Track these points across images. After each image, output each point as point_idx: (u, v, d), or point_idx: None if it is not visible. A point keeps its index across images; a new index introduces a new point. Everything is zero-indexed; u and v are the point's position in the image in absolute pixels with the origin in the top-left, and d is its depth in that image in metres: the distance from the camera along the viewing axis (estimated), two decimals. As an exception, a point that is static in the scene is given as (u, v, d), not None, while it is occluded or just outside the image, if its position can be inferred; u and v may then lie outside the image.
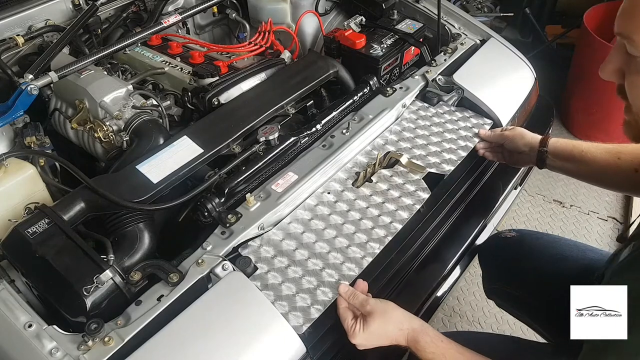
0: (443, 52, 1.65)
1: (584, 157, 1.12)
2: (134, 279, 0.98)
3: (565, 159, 1.19)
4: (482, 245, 1.43)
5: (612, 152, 1.09)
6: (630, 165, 1.06)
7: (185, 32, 1.93)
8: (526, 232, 1.45)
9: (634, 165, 1.05)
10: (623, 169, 1.07)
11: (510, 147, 1.31)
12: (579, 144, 1.16)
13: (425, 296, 1.21)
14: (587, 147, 1.13)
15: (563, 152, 1.18)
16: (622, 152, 1.08)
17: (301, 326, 0.98)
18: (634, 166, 1.05)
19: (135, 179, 1.14)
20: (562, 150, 1.18)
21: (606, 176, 1.15)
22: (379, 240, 1.15)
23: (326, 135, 1.35)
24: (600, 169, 1.10)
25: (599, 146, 1.12)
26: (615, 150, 1.09)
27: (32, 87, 1.30)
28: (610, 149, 1.10)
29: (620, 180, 1.13)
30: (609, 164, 1.09)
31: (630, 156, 1.07)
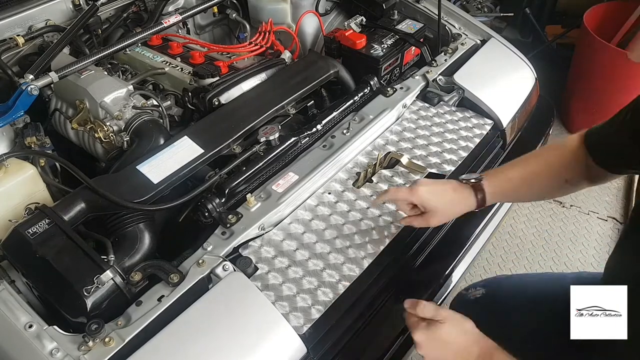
0: (443, 52, 1.65)
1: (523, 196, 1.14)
2: (135, 280, 0.98)
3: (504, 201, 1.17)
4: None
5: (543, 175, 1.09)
6: (560, 178, 1.08)
7: (185, 32, 1.93)
8: (494, 283, 1.35)
9: (563, 176, 1.07)
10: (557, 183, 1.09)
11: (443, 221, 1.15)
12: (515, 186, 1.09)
13: (426, 297, 1.21)
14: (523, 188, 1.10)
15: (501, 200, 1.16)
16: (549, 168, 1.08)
17: (302, 327, 0.98)
18: (564, 178, 1.08)
19: (136, 179, 1.14)
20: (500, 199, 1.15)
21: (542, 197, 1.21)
22: (379, 240, 1.15)
23: (327, 135, 1.35)
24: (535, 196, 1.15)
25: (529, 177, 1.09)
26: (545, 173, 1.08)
27: (33, 87, 1.30)
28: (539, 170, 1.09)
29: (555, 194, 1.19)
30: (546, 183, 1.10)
31: (559, 172, 1.07)
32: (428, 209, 1.06)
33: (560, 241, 2.38)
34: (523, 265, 2.28)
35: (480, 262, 2.27)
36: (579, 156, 1.05)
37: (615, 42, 2.72)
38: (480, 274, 2.24)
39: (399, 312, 1.01)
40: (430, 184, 1.08)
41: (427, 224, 1.09)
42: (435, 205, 1.05)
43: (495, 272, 2.26)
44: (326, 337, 1.00)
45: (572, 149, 1.06)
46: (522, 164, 1.11)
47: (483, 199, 1.07)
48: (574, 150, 1.06)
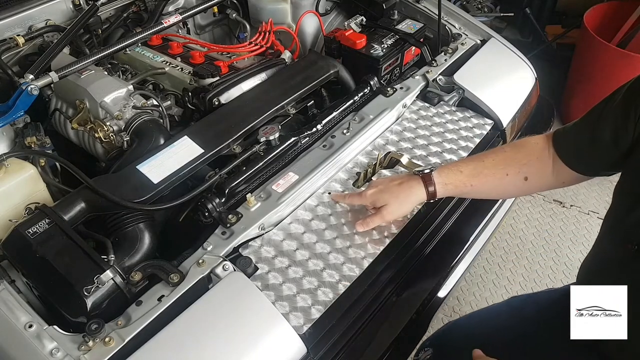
0: (443, 52, 1.65)
1: (477, 190, 1.11)
2: (135, 279, 0.98)
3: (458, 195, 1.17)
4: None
5: (499, 172, 1.08)
6: (519, 176, 1.07)
7: (185, 32, 1.93)
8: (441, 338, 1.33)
9: (522, 174, 1.07)
10: (514, 182, 1.08)
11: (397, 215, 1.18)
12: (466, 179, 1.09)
13: (425, 296, 1.21)
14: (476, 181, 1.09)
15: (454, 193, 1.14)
16: (506, 167, 1.07)
17: (302, 326, 0.98)
18: (523, 175, 1.07)
19: (136, 179, 1.14)
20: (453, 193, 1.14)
21: (499, 192, 1.19)
22: (379, 241, 1.15)
23: (327, 135, 1.35)
24: (492, 187, 1.12)
25: (482, 170, 1.09)
26: (500, 166, 1.08)
27: (33, 87, 1.30)
28: (496, 168, 1.08)
29: (514, 191, 1.18)
30: (501, 183, 1.09)
31: (516, 167, 1.07)
32: (379, 206, 1.12)
33: (560, 241, 2.38)
34: (523, 265, 2.28)
35: (481, 262, 2.28)
36: (543, 157, 1.05)
37: (615, 42, 2.72)
38: (480, 274, 2.24)
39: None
40: (379, 183, 1.14)
41: (383, 220, 1.13)
42: (385, 202, 1.11)
43: (495, 272, 2.26)
44: (326, 337, 1.00)
45: (537, 148, 1.06)
46: (478, 159, 1.12)
47: (434, 191, 1.09)
48: (539, 150, 1.05)
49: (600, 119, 0.95)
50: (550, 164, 1.05)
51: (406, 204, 1.12)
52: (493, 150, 1.14)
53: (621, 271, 0.92)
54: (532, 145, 1.07)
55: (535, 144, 1.07)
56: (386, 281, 1.13)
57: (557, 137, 1.04)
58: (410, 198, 1.10)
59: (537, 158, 1.06)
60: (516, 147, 1.11)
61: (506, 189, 1.13)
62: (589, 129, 0.98)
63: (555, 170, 1.04)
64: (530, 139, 1.09)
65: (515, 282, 2.23)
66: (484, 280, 2.23)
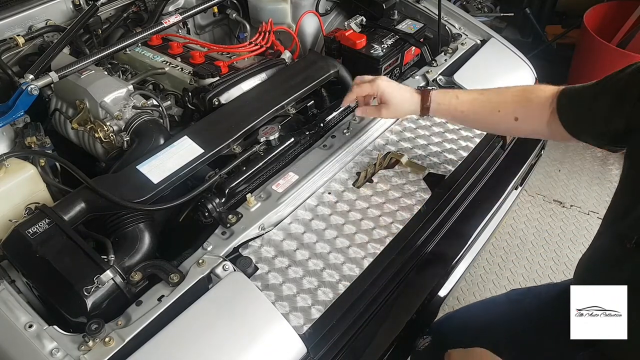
0: (443, 52, 1.65)
1: (467, 117, 1.17)
2: (135, 280, 0.98)
3: (448, 118, 1.27)
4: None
5: (492, 107, 1.12)
6: (510, 115, 1.11)
7: (185, 32, 1.93)
8: (439, 326, 1.36)
9: (514, 114, 1.10)
10: (504, 120, 1.12)
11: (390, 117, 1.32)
12: (459, 104, 1.15)
13: (425, 296, 1.21)
14: (467, 108, 1.15)
15: (444, 116, 1.23)
16: (501, 104, 1.11)
17: (302, 326, 0.98)
18: (514, 115, 1.10)
19: (136, 179, 1.14)
20: (443, 115, 1.22)
21: (488, 126, 1.26)
22: (379, 240, 1.15)
23: (327, 135, 1.35)
24: (482, 120, 1.18)
25: (478, 102, 1.14)
26: (494, 103, 1.12)
27: (33, 87, 1.30)
28: (489, 103, 1.13)
29: (502, 128, 1.23)
30: (491, 116, 1.14)
31: (510, 107, 1.10)
32: (383, 100, 1.18)
33: (560, 241, 2.38)
34: (523, 265, 2.28)
35: (481, 262, 2.28)
36: (544, 108, 1.06)
37: (615, 42, 2.72)
38: (480, 274, 2.24)
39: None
40: (389, 80, 1.20)
41: (379, 114, 1.21)
42: (389, 99, 1.18)
43: (495, 272, 2.26)
44: (326, 337, 1.00)
45: (542, 98, 1.07)
46: (479, 91, 1.17)
47: (427, 108, 1.17)
48: (542, 101, 1.06)
49: (603, 91, 0.96)
50: (547, 116, 1.06)
51: (402, 110, 1.21)
52: (500, 88, 1.16)
53: (619, 268, 0.92)
54: (538, 92, 1.08)
55: (542, 91, 1.08)
56: (386, 281, 1.13)
57: (562, 95, 1.04)
58: (407, 106, 1.19)
59: (538, 104, 1.07)
60: (524, 89, 1.13)
61: (495, 125, 1.18)
62: (591, 97, 0.98)
63: (550, 123, 1.06)
64: (540, 86, 1.10)
65: (516, 282, 2.23)
66: (484, 280, 2.23)
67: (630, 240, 0.87)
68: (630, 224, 0.90)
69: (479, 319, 1.29)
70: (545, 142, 1.71)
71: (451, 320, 1.37)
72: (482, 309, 1.33)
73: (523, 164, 1.55)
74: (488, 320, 1.26)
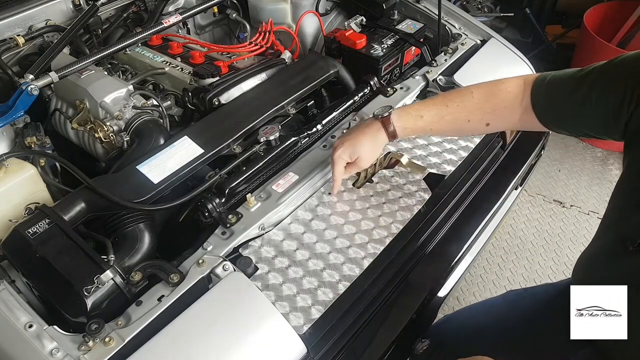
0: (443, 52, 1.65)
1: (437, 133, 1.19)
2: (135, 280, 0.98)
3: (419, 135, 1.26)
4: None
5: (461, 120, 1.09)
6: (480, 123, 1.09)
7: (185, 32, 1.93)
8: (437, 328, 1.34)
9: (484, 121, 1.09)
10: (475, 127, 1.11)
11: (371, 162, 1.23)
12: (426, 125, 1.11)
13: (425, 296, 1.21)
14: (435, 126, 1.12)
15: (415, 134, 1.23)
16: (469, 115, 1.08)
17: (302, 326, 0.98)
18: (484, 122, 1.09)
19: (136, 179, 1.14)
20: (413, 134, 1.21)
21: (462, 135, 1.30)
22: (379, 240, 1.15)
23: (327, 135, 1.35)
24: (454, 133, 1.20)
25: (445, 119, 1.10)
26: (462, 115, 1.09)
27: (33, 87, 1.30)
28: (457, 117, 1.09)
29: (477, 133, 1.26)
30: (461, 128, 1.13)
31: (479, 116, 1.08)
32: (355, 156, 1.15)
33: (560, 241, 2.38)
34: (523, 265, 2.28)
35: (481, 262, 2.28)
36: (514, 106, 1.03)
37: (615, 42, 2.72)
38: (480, 274, 2.24)
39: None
40: (345, 140, 1.16)
41: (360, 168, 1.19)
42: (357, 155, 1.15)
43: (495, 272, 2.26)
44: (326, 337, 1.00)
45: (509, 97, 1.04)
46: (442, 102, 1.12)
47: (394, 133, 1.13)
48: (511, 100, 1.04)
49: (596, 86, 0.92)
50: (519, 113, 1.03)
51: (376, 150, 1.17)
52: (461, 92, 1.13)
53: (619, 268, 0.92)
54: (503, 94, 1.05)
55: (507, 93, 1.05)
56: (386, 281, 1.13)
57: (538, 89, 1.01)
58: (377, 145, 1.16)
59: (505, 107, 1.05)
60: (486, 94, 1.09)
61: (465, 132, 1.19)
62: (580, 92, 0.94)
63: (522, 118, 1.04)
64: (504, 85, 1.06)
65: (516, 282, 2.23)
66: (484, 280, 2.23)
67: (633, 243, 0.87)
68: (633, 226, 0.89)
69: (476, 321, 1.29)
70: (545, 142, 1.71)
71: (449, 323, 1.37)
72: (480, 311, 1.33)
73: (523, 164, 1.55)
74: (485, 322, 1.26)
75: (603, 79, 0.92)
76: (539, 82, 1.02)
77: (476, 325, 1.26)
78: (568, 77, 0.97)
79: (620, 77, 0.88)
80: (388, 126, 1.12)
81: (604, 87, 0.91)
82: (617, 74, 0.90)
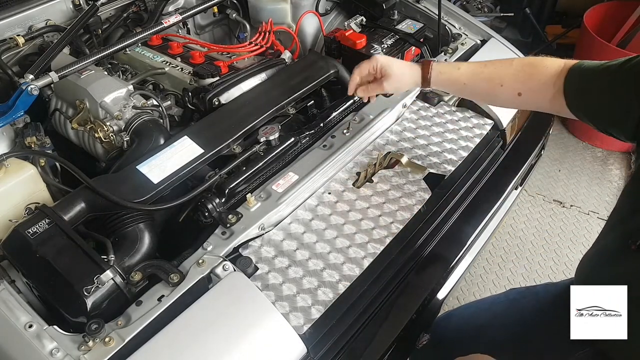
0: (444, 52, 1.65)
1: (468, 89, 1.16)
2: (135, 280, 0.98)
3: (450, 90, 1.25)
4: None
5: (494, 81, 1.09)
6: (512, 90, 1.08)
7: (185, 32, 1.93)
8: (437, 324, 1.35)
9: (517, 90, 1.08)
10: (506, 94, 1.10)
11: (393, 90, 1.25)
12: (460, 75, 1.13)
13: (425, 296, 1.21)
14: (468, 80, 1.13)
15: (445, 87, 1.20)
16: (504, 79, 1.08)
17: (302, 326, 0.98)
18: (517, 91, 1.08)
19: (136, 179, 1.14)
20: (444, 86, 1.20)
21: (489, 99, 1.24)
22: (379, 240, 1.15)
23: (327, 135, 1.35)
24: (484, 93, 1.16)
25: (480, 75, 1.11)
26: (497, 77, 1.09)
27: (33, 87, 1.30)
28: (492, 77, 1.10)
29: (504, 102, 1.20)
30: (493, 91, 1.12)
31: (512, 82, 1.07)
32: (384, 73, 1.16)
33: (560, 241, 2.38)
34: (523, 265, 2.28)
35: (481, 262, 2.28)
36: (548, 85, 1.02)
37: (615, 42, 2.72)
38: (480, 274, 2.24)
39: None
40: (387, 56, 1.19)
41: (381, 88, 1.19)
42: (389, 72, 1.16)
43: (495, 272, 2.26)
44: (326, 337, 1.00)
45: (546, 75, 1.03)
46: (481, 63, 1.13)
47: (428, 79, 1.15)
48: (546, 77, 1.03)
49: (624, 82, 0.90)
50: (551, 93, 1.02)
51: (403, 82, 1.18)
52: (500, 60, 1.13)
53: (621, 268, 0.92)
54: (541, 69, 1.04)
55: (545, 68, 1.04)
56: (386, 281, 1.13)
57: (573, 76, 0.99)
58: (408, 78, 1.17)
59: (540, 83, 1.04)
60: (524, 64, 1.08)
61: (497, 98, 1.16)
62: (612, 85, 0.92)
63: (553, 100, 1.02)
64: (544, 62, 1.05)
65: (516, 282, 2.23)
66: (484, 280, 2.23)
67: (635, 242, 0.87)
68: (636, 225, 0.89)
69: (477, 318, 1.29)
70: (545, 142, 1.71)
71: (450, 319, 1.37)
72: (481, 308, 1.34)
73: (523, 164, 1.55)
74: (486, 319, 1.26)
75: (636, 73, 0.89)
76: (575, 68, 1.00)
77: (477, 323, 1.26)
78: (602, 67, 0.96)
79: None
80: (427, 70, 1.14)
81: (633, 82, 0.88)
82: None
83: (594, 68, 0.96)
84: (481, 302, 1.38)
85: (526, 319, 1.17)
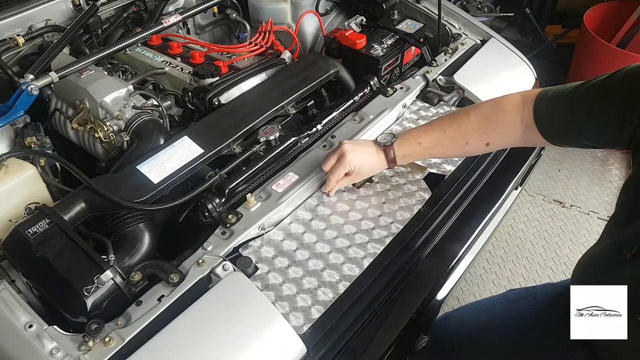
0: (443, 52, 1.65)
1: (437, 156, 1.21)
2: (135, 279, 0.98)
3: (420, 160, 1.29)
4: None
5: (459, 143, 1.10)
6: (479, 143, 1.09)
7: (185, 32, 1.93)
8: (436, 326, 1.36)
9: (483, 142, 1.09)
10: (475, 148, 1.12)
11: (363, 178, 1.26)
12: (424, 150, 1.14)
13: (425, 296, 1.21)
14: (434, 151, 1.14)
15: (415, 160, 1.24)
16: (467, 137, 1.09)
17: (302, 326, 0.98)
18: (484, 142, 1.09)
19: (136, 179, 1.14)
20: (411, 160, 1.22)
21: (461, 155, 1.30)
22: (379, 240, 1.15)
23: (327, 135, 1.35)
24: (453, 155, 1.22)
25: (443, 144, 1.11)
26: (460, 138, 1.10)
27: (33, 87, 1.30)
28: (455, 140, 1.10)
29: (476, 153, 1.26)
30: (461, 151, 1.16)
31: (477, 137, 1.08)
32: (355, 171, 1.18)
33: (560, 241, 2.38)
34: (523, 265, 2.28)
35: (481, 262, 2.28)
36: (514, 124, 1.02)
37: (615, 42, 2.72)
38: (480, 274, 2.24)
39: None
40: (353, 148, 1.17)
41: (352, 182, 1.23)
42: (360, 171, 1.18)
43: (495, 272, 2.26)
44: (326, 337, 1.00)
45: (508, 117, 1.03)
46: (440, 128, 1.12)
47: (394, 160, 1.18)
48: (510, 119, 1.02)
49: (598, 100, 0.91)
50: (520, 130, 1.02)
51: (373, 173, 1.24)
52: (459, 116, 1.12)
53: (616, 276, 0.92)
54: (501, 116, 1.04)
55: (505, 113, 1.04)
56: (386, 281, 1.13)
57: (539, 105, 0.99)
58: (375, 167, 1.20)
59: (504, 128, 1.04)
60: (483, 116, 1.08)
61: (467, 153, 1.21)
62: (583, 106, 0.93)
63: (525, 136, 1.03)
64: (502, 106, 1.05)
65: (516, 282, 2.23)
66: (484, 280, 2.23)
67: (630, 251, 0.87)
68: (630, 233, 0.89)
69: (476, 319, 1.29)
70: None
71: (449, 320, 1.37)
72: (480, 309, 1.34)
73: (523, 164, 1.55)
74: (485, 320, 1.26)
75: (606, 92, 0.91)
76: (540, 98, 1.00)
77: (476, 324, 1.26)
78: (570, 91, 0.96)
79: (624, 91, 0.88)
80: (389, 156, 1.16)
81: (607, 101, 0.90)
82: (618, 88, 0.89)
83: (562, 91, 0.97)
84: (480, 304, 1.38)
85: (525, 320, 1.17)
